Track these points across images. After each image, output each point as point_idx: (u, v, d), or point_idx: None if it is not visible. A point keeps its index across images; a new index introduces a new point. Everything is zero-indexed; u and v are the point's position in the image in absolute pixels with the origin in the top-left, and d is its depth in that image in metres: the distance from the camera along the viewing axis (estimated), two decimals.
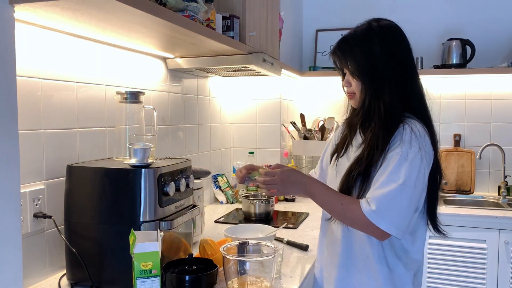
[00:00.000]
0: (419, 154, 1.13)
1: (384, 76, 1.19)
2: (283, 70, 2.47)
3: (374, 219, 1.11)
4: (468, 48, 2.80)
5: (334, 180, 1.32)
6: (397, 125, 1.17)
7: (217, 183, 2.52)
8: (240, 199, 2.39)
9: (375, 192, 1.13)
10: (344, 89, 1.32)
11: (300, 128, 2.85)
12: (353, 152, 1.27)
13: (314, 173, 1.56)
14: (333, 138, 1.45)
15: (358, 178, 1.19)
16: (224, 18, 1.75)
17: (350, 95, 1.28)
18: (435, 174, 1.24)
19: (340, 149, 1.33)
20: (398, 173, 1.12)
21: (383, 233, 1.12)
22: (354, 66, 1.23)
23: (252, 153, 2.70)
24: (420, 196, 1.17)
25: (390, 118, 1.18)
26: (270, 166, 1.35)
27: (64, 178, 1.30)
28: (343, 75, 1.30)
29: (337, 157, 1.34)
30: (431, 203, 1.27)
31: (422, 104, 1.26)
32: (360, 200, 1.16)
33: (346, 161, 1.28)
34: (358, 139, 1.27)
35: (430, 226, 1.31)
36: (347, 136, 1.33)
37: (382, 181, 1.13)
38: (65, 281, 1.30)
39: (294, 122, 2.84)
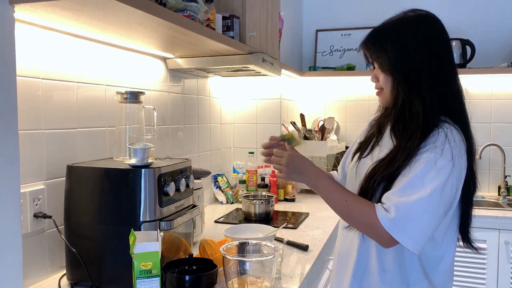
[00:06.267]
0: (451, 164, 1.02)
1: (421, 72, 1.09)
2: (283, 70, 2.47)
3: (389, 228, 1.01)
4: (468, 48, 2.80)
5: (353, 182, 1.23)
6: (433, 129, 1.07)
7: (217, 183, 2.52)
8: (240, 199, 2.39)
9: (395, 198, 1.03)
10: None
11: (300, 128, 2.85)
12: (378, 153, 1.17)
13: (337, 173, 1.46)
14: (358, 137, 1.35)
15: (382, 183, 1.09)
16: (224, 18, 1.75)
17: (378, 91, 1.19)
18: (469, 186, 1.13)
19: (364, 149, 1.23)
20: (422, 181, 1.02)
21: (392, 242, 1.03)
22: (386, 60, 1.13)
23: (252, 153, 2.70)
24: (447, 210, 1.07)
25: (427, 120, 1.07)
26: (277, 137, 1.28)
27: (64, 178, 1.30)
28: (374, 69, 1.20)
29: (360, 158, 1.23)
30: (464, 218, 1.18)
31: (461, 106, 1.15)
32: (375, 204, 1.06)
33: (369, 162, 1.17)
34: (385, 140, 1.18)
35: (462, 242, 1.23)
36: (373, 135, 1.23)
37: (404, 186, 1.03)
38: (65, 281, 1.30)
39: (294, 122, 2.84)
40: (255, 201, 2.17)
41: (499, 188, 2.80)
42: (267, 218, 2.15)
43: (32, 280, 1.29)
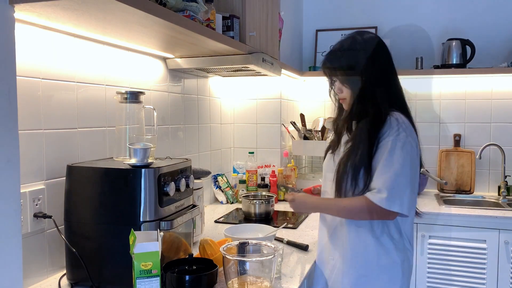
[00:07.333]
0: (408, 140, 1.29)
1: (370, 81, 1.35)
2: (283, 70, 2.47)
3: (386, 205, 1.25)
4: (468, 48, 2.80)
5: (324, 176, 1.51)
6: (385, 118, 1.32)
7: (217, 183, 2.52)
8: (240, 199, 2.39)
9: (379, 181, 1.28)
10: (331, 96, 1.48)
11: (300, 128, 2.85)
12: (342, 148, 1.42)
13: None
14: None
15: (349, 172, 1.32)
16: (224, 18, 1.75)
17: (342, 100, 1.44)
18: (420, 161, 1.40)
19: (333, 147, 1.49)
20: (392, 159, 1.27)
21: (394, 214, 1.28)
22: (344, 76, 1.39)
23: (252, 153, 2.70)
24: (417, 177, 1.34)
25: (380, 114, 1.33)
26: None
27: (64, 178, 1.30)
28: (332, 83, 1.46)
29: (325, 155, 1.52)
30: None
31: (402, 100, 1.41)
32: (365, 194, 1.29)
33: (336, 158, 1.42)
34: (345, 138, 1.43)
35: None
36: (336, 134, 1.49)
37: (381, 169, 1.28)
38: (65, 281, 1.30)
39: (294, 122, 2.84)
40: (255, 201, 2.17)
41: (499, 188, 2.80)
42: (267, 218, 2.15)
43: (32, 280, 1.29)
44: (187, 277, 1.18)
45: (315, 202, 1.48)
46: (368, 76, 1.36)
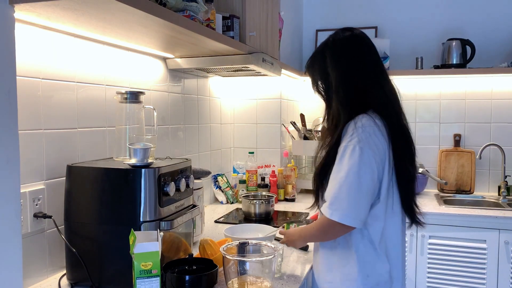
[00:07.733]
0: (358, 145, 1.20)
1: (335, 85, 1.30)
2: (283, 70, 2.47)
3: (327, 213, 1.20)
4: (468, 48, 2.80)
5: None
6: (346, 123, 1.26)
7: (217, 183, 2.52)
8: (240, 199, 2.39)
9: (327, 189, 1.23)
10: None
11: (300, 128, 2.85)
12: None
13: None
14: None
15: (319, 180, 1.31)
16: (224, 18, 1.76)
17: None
18: (405, 165, 1.29)
19: None
20: (340, 166, 1.21)
21: (343, 227, 1.19)
22: (314, 80, 1.38)
23: (252, 153, 2.70)
24: (373, 185, 1.21)
25: (338, 120, 1.28)
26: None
27: (64, 178, 1.30)
28: None
29: None
30: (405, 194, 1.30)
31: (384, 102, 1.29)
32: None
33: None
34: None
35: (407, 218, 1.36)
36: None
37: (331, 177, 1.24)
38: (65, 281, 1.30)
39: (294, 122, 2.84)
40: (255, 201, 2.17)
41: (499, 188, 2.80)
42: (267, 218, 2.15)
43: (32, 280, 1.29)
44: (187, 277, 1.18)
45: (300, 234, 1.42)
46: (335, 78, 1.30)
